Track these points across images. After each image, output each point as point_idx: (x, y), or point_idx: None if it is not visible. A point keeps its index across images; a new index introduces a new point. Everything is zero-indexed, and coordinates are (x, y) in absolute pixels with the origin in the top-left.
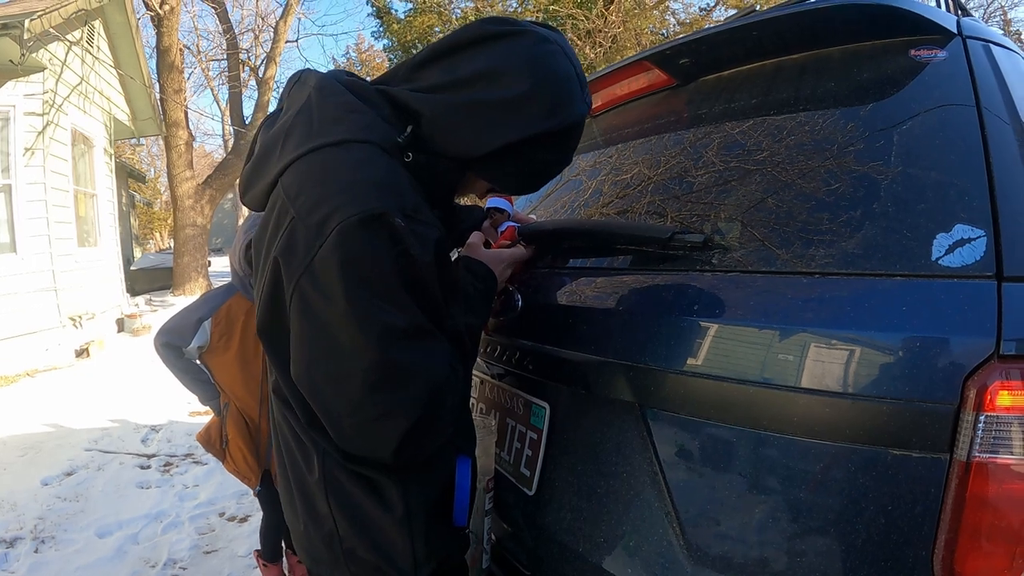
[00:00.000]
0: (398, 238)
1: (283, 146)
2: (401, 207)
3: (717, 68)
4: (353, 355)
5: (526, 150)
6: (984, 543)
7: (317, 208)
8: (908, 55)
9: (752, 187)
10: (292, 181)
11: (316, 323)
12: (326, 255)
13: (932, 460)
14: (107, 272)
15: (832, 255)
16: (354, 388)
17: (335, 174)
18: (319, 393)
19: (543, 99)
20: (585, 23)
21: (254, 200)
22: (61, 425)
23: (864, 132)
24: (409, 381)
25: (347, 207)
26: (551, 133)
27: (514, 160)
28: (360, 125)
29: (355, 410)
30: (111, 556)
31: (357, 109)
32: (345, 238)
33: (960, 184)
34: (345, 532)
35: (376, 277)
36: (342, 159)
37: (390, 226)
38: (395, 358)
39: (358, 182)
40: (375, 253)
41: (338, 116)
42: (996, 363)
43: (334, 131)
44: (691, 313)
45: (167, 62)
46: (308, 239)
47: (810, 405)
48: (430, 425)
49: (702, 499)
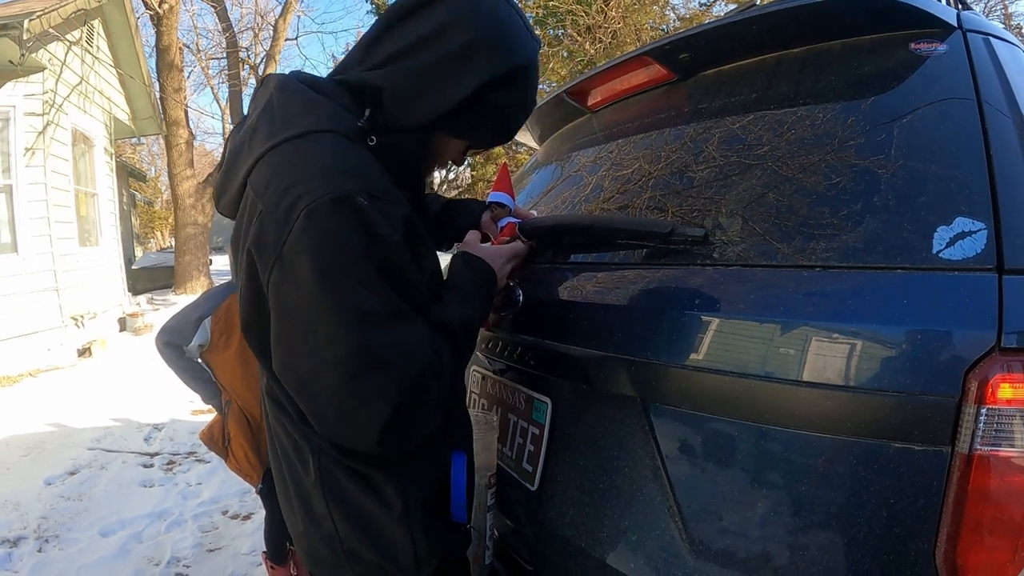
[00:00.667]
0: (365, 219)
1: (249, 146)
2: (366, 188)
3: (717, 63)
4: (328, 342)
5: (488, 97)
6: (986, 536)
7: (284, 197)
8: (908, 49)
9: (753, 181)
10: (259, 176)
11: (290, 312)
12: (295, 241)
13: (934, 453)
14: (108, 271)
15: (833, 249)
16: (332, 376)
17: (300, 163)
18: (300, 384)
19: (490, 44)
20: (585, 19)
21: (228, 206)
22: (64, 424)
23: (864, 126)
24: (387, 366)
25: (312, 191)
26: (505, 76)
27: (478, 110)
28: (322, 116)
29: (335, 399)
30: (114, 555)
31: (317, 102)
32: (312, 221)
33: (961, 177)
34: (345, 532)
35: (346, 259)
36: (306, 149)
37: (356, 207)
38: (370, 343)
39: (323, 168)
40: (343, 235)
41: (299, 111)
42: (997, 356)
43: (297, 124)
44: (693, 307)
45: (167, 61)
46: (277, 228)
47: (812, 399)
48: (413, 413)
49: (704, 493)
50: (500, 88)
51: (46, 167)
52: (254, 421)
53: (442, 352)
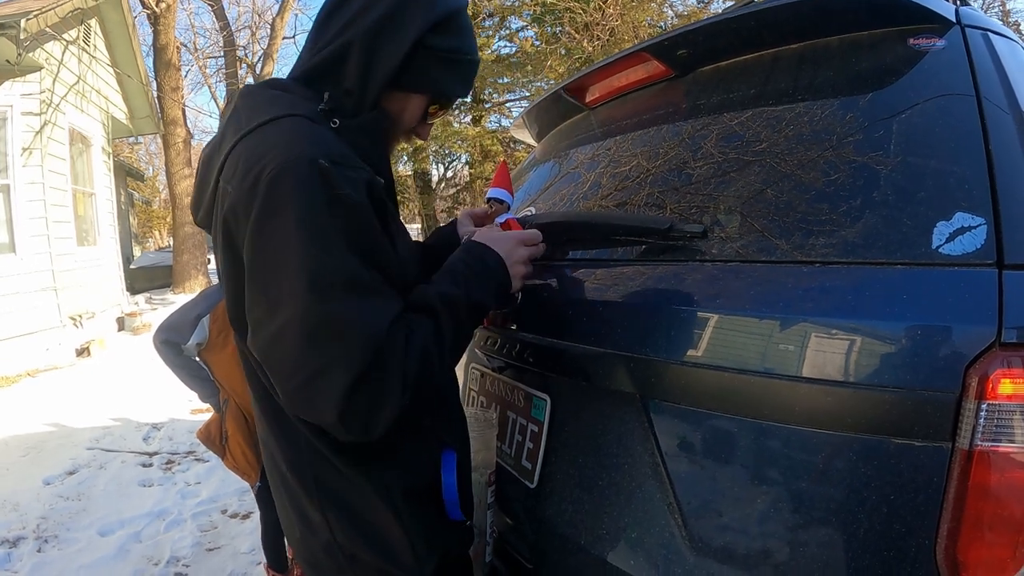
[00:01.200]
0: (328, 180)
1: (219, 150)
2: (327, 154)
3: (715, 58)
4: (288, 306)
5: (430, 44)
6: (987, 532)
7: (250, 172)
8: (907, 44)
9: (752, 178)
10: (228, 168)
11: (259, 280)
12: (262, 206)
13: (934, 449)
14: (107, 271)
15: (833, 244)
16: (291, 343)
17: (263, 143)
18: (267, 355)
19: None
20: (583, 16)
21: (206, 218)
22: (63, 424)
23: (863, 121)
24: (344, 334)
25: (275, 158)
26: (441, 22)
27: (425, 60)
28: (283, 106)
29: (294, 367)
30: (113, 555)
31: (278, 97)
32: (274, 186)
33: (960, 172)
34: (343, 537)
35: (307, 222)
36: (269, 131)
37: (318, 168)
38: (327, 307)
39: (285, 141)
40: (306, 197)
41: (263, 107)
42: (997, 351)
43: (259, 117)
44: (692, 303)
45: (164, 60)
46: (246, 200)
47: (812, 395)
48: (374, 389)
49: (704, 490)
50: (439, 34)
51: (44, 167)
52: (251, 419)
53: (416, 329)
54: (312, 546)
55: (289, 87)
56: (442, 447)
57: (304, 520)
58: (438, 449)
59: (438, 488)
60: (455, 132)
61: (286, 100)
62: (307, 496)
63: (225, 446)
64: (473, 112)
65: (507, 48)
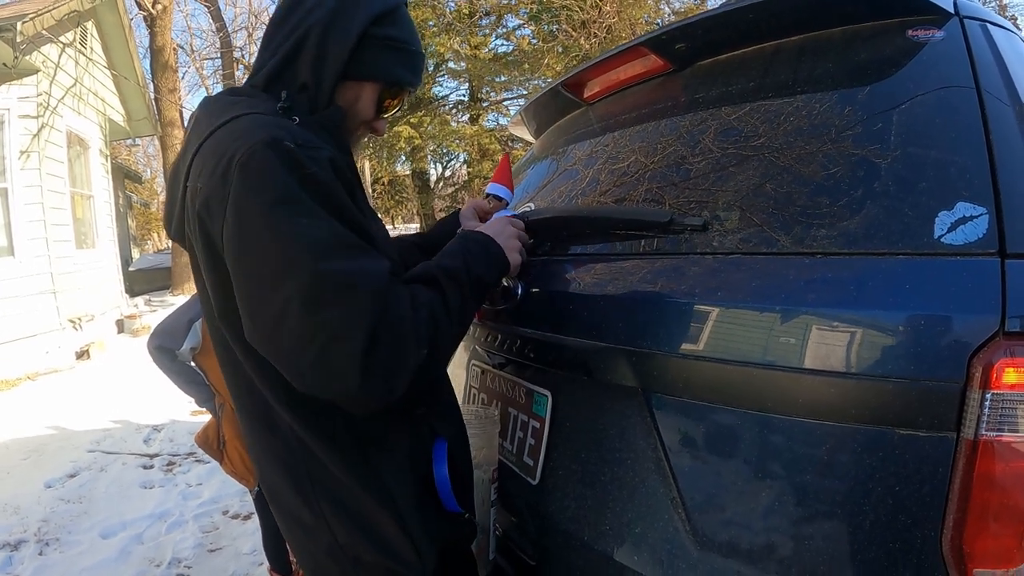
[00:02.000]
0: (294, 157)
1: (183, 158)
2: (291, 138)
3: (713, 52)
4: (286, 281)
5: (376, 33)
6: (992, 523)
7: (218, 164)
8: (906, 35)
9: (752, 171)
10: (195, 168)
11: (246, 265)
12: (235, 192)
13: (939, 439)
14: (105, 273)
15: (834, 236)
16: (296, 315)
17: (228, 137)
18: (270, 342)
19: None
20: (580, 14)
21: (179, 227)
22: (63, 427)
23: (863, 113)
24: (348, 291)
25: (242, 147)
26: (384, 13)
27: (373, 48)
28: (244, 106)
29: (305, 340)
30: (115, 557)
31: (238, 101)
32: (246, 169)
33: (961, 162)
34: (344, 538)
35: (286, 196)
36: (231, 127)
37: (284, 148)
38: (327, 269)
39: (247, 130)
40: (278, 174)
41: (223, 110)
42: (1001, 340)
43: (222, 118)
44: (693, 296)
45: (161, 62)
46: (219, 191)
47: (815, 386)
48: (391, 341)
49: (708, 484)
50: (382, 25)
51: (41, 170)
52: None
53: (419, 293)
54: (314, 552)
55: (247, 92)
56: (434, 437)
57: (302, 526)
58: (430, 439)
59: (433, 479)
60: (453, 131)
61: (245, 103)
62: (302, 499)
63: (223, 451)
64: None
65: (504, 46)
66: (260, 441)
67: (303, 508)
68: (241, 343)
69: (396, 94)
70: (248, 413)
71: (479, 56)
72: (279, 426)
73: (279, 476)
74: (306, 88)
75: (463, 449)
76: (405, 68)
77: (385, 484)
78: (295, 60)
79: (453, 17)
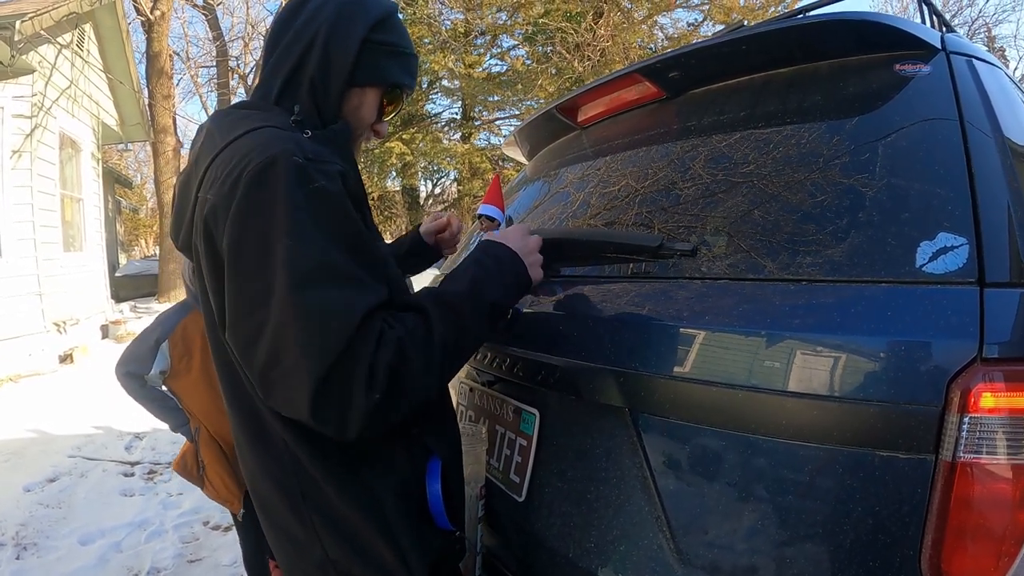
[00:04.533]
0: (305, 173)
1: (195, 172)
2: (302, 153)
3: (707, 81)
4: (267, 298)
5: (376, 40)
6: (970, 542)
7: (229, 176)
8: (893, 70)
9: (740, 198)
10: (207, 180)
11: (238, 277)
12: (239, 205)
13: (918, 461)
14: (92, 278)
15: (819, 263)
16: (270, 333)
17: (241, 150)
18: (246, 346)
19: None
20: (574, 36)
21: (186, 238)
22: (44, 431)
23: (850, 144)
24: (318, 324)
25: (252, 160)
26: (381, 20)
27: (374, 53)
28: (256, 120)
29: (273, 357)
30: (93, 564)
31: (251, 115)
32: (253, 183)
33: (943, 194)
34: (335, 553)
35: (287, 215)
36: (245, 140)
37: (294, 164)
38: (300, 301)
39: (259, 144)
40: (284, 191)
41: (237, 124)
42: (979, 366)
43: (236, 131)
44: (681, 319)
45: (156, 67)
46: (226, 202)
47: (799, 409)
48: (344, 381)
49: (692, 503)
50: (380, 32)
51: (32, 170)
52: (227, 445)
53: (395, 325)
54: (305, 568)
55: (259, 106)
56: (428, 454)
57: (293, 541)
58: (424, 457)
59: (425, 496)
60: (444, 149)
61: (258, 116)
62: (294, 514)
63: (203, 476)
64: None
65: (498, 66)
66: (253, 455)
67: (295, 523)
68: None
69: (395, 98)
70: (243, 427)
71: (473, 75)
72: (273, 441)
73: (272, 490)
74: (315, 99)
75: (457, 467)
76: (404, 71)
77: (377, 500)
78: (301, 72)
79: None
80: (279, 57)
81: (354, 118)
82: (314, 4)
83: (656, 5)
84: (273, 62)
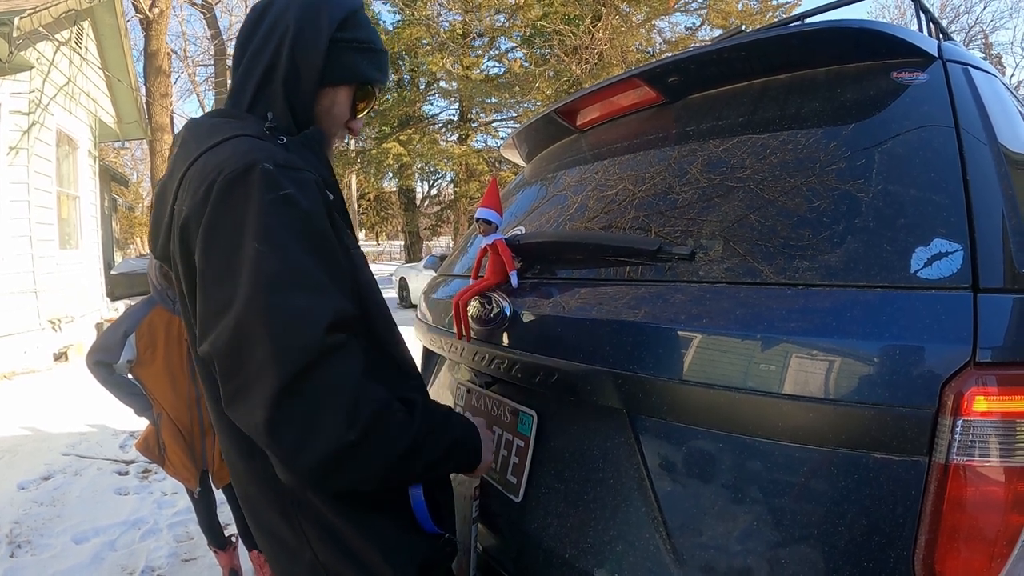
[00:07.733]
0: (274, 181)
1: (171, 181)
2: (271, 159)
3: (706, 86)
4: (230, 302)
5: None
6: (963, 544)
7: (201, 186)
8: (890, 77)
9: (737, 203)
10: (183, 192)
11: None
12: (210, 215)
13: (912, 463)
14: (87, 275)
15: (815, 267)
16: (234, 343)
17: (214, 159)
18: (213, 356)
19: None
20: (572, 39)
21: (164, 248)
22: (39, 429)
23: (847, 150)
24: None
25: (224, 170)
26: (347, 19)
27: (343, 51)
28: (231, 129)
29: (235, 368)
30: (88, 562)
31: (225, 123)
32: (223, 192)
33: (938, 200)
34: (326, 557)
35: (254, 224)
36: (218, 150)
37: (262, 171)
38: (264, 304)
39: (231, 154)
40: (253, 200)
41: (211, 132)
42: (973, 370)
43: (211, 141)
44: (678, 322)
45: (154, 66)
46: (198, 212)
47: (794, 411)
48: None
49: (689, 504)
50: (347, 29)
51: (29, 167)
52: (185, 428)
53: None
54: (295, 571)
55: (233, 114)
56: None
57: (282, 544)
58: None
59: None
60: (441, 150)
61: (233, 124)
62: (285, 520)
63: (164, 455)
64: (460, 131)
65: (496, 68)
66: (242, 461)
67: (285, 528)
68: None
69: (367, 94)
70: (230, 436)
71: (471, 77)
72: (260, 447)
73: (260, 496)
74: (288, 103)
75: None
76: (374, 67)
77: (363, 505)
78: (272, 77)
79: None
80: (248, 63)
81: (327, 118)
82: (278, 7)
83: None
84: (243, 69)
